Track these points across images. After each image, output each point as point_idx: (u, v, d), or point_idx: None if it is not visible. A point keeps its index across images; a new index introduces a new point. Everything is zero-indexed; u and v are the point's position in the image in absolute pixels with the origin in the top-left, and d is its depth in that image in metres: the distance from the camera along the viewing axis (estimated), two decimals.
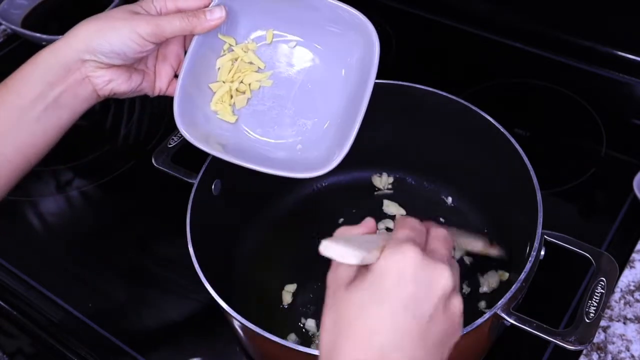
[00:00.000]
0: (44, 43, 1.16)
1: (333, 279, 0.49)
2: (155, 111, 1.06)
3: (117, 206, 0.95)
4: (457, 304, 0.48)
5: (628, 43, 1.01)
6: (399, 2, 1.18)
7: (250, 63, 0.70)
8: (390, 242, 0.48)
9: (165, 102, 0.68)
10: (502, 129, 0.73)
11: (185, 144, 0.80)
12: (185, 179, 0.75)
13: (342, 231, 0.52)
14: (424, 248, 0.49)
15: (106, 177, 0.97)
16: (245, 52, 0.69)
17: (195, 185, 0.72)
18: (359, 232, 0.51)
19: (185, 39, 0.68)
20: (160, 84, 0.69)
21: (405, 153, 0.86)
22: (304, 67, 0.71)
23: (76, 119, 0.66)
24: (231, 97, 0.69)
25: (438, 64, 1.08)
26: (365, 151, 0.86)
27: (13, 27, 1.17)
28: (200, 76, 0.67)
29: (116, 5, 1.17)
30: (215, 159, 0.70)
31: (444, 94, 0.77)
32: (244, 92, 0.70)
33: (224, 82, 0.69)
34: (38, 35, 1.14)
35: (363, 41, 0.70)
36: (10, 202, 0.95)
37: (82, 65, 0.63)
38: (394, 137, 0.84)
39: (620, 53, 1.02)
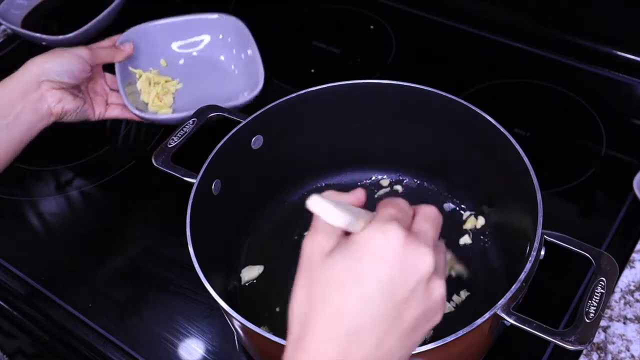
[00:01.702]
0: (43, 43, 1.16)
1: (310, 246, 0.47)
2: None
3: (117, 206, 0.95)
4: (437, 288, 0.47)
5: (628, 43, 1.01)
6: (399, 2, 1.18)
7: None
8: (374, 220, 0.46)
9: None
10: (502, 129, 0.73)
11: (186, 144, 0.81)
12: (185, 178, 0.75)
13: (331, 194, 0.50)
14: (410, 228, 0.48)
15: (106, 177, 0.97)
16: (152, 75, 0.99)
17: (195, 185, 0.72)
18: (347, 200, 0.49)
19: (105, 79, 0.94)
20: (99, 110, 0.90)
21: (405, 153, 0.86)
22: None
23: (33, 136, 0.81)
24: (160, 100, 0.98)
25: (438, 64, 1.08)
26: (365, 151, 0.87)
27: (13, 27, 1.17)
28: (129, 94, 0.95)
29: (117, 6, 1.17)
30: (216, 159, 0.71)
31: (444, 94, 0.77)
32: (168, 93, 1.00)
33: (148, 93, 0.98)
34: (38, 35, 1.14)
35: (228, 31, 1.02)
36: (10, 202, 0.95)
37: (38, 86, 0.80)
38: (394, 137, 0.84)
39: (620, 53, 1.02)
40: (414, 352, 0.57)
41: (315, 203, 0.45)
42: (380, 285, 0.44)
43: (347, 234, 0.47)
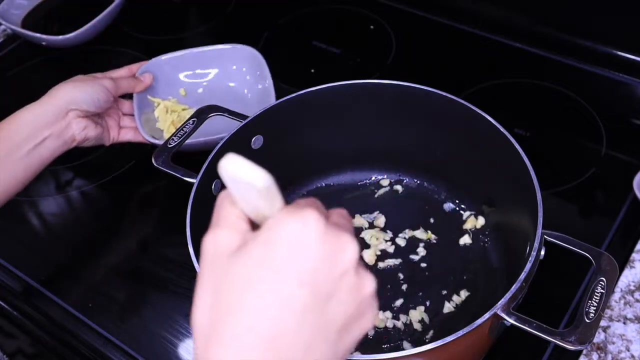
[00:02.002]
0: (43, 43, 1.16)
1: (212, 244, 0.40)
2: None
3: (117, 206, 0.95)
4: (366, 282, 0.40)
5: (628, 43, 1.01)
6: (399, 2, 1.18)
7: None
8: (289, 206, 0.40)
9: None
10: (502, 129, 0.73)
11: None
12: (185, 178, 0.75)
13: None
14: (326, 218, 0.40)
15: (106, 177, 0.97)
16: (170, 103, 1.01)
17: (195, 185, 0.72)
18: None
19: (118, 103, 0.95)
20: (113, 134, 0.93)
21: (405, 153, 0.86)
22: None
23: (52, 160, 0.83)
24: (175, 127, 0.98)
25: (438, 64, 1.08)
26: (365, 151, 0.87)
27: (13, 27, 1.17)
28: (145, 122, 0.97)
29: (117, 6, 1.17)
30: (216, 159, 0.70)
31: (444, 94, 0.77)
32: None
33: (165, 121, 0.99)
34: (38, 35, 1.14)
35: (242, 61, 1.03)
36: (10, 202, 0.94)
37: (66, 114, 0.83)
38: (394, 137, 0.84)
39: (620, 53, 1.02)
40: (414, 352, 0.57)
41: (230, 163, 0.37)
42: (299, 277, 0.37)
43: (254, 228, 0.40)
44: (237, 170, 0.37)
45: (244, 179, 0.38)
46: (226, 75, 1.04)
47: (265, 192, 0.38)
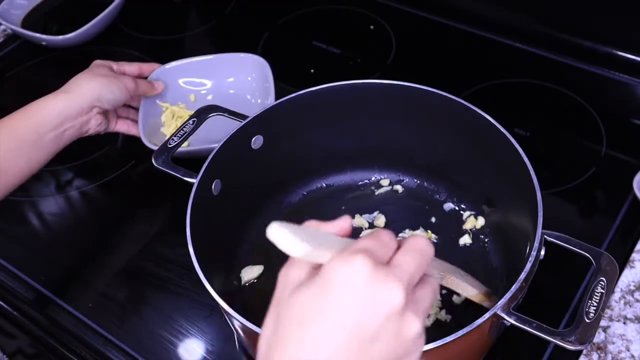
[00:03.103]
0: (43, 43, 1.16)
1: (284, 276, 0.45)
2: None
3: (117, 206, 0.95)
4: (412, 325, 0.43)
5: (628, 43, 1.01)
6: (399, 2, 1.18)
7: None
8: (344, 250, 0.43)
9: None
10: (502, 129, 0.73)
11: None
12: (185, 179, 0.75)
13: (311, 224, 0.47)
14: (385, 261, 0.44)
15: (106, 177, 0.97)
16: (178, 108, 1.02)
17: (195, 185, 0.72)
18: (330, 229, 0.46)
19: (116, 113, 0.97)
20: (112, 124, 0.95)
21: (405, 153, 0.86)
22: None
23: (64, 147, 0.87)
24: None
25: (438, 64, 1.08)
26: (365, 151, 0.87)
27: (13, 27, 1.17)
28: (151, 125, 0.99)
29: (117, 6, 1.17)
30: (216, 159, 0.71)
31: (444, 94, 0.77)
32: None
33: (169, 126, 1.00)
34: (38, 35, 1.14)
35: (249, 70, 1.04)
36: (10, 202, 0.95)
37: (90, 110, 0.87)
38: (393, 137, 0.84)
39: (620, 53, 1.02)
40: None
41: (273, 232, 0.42)
42: (344, 318, 0.41)
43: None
44: (277, 240, 0.42)
45: (283, 249, 0.42)
46: (237, 84, 1.05)
47: (307, 256, 0.43)
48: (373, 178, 0.89)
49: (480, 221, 0.82)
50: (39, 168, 0.84)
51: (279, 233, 0.42)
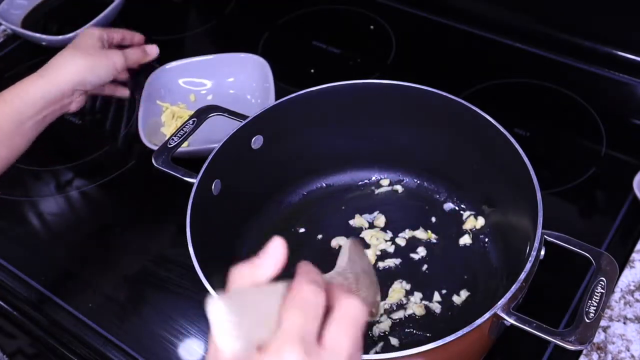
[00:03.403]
0: (43, 43, 1.16)
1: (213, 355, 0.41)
2: None
3: (117, 206, 0.95)
4: None
5: (628, 43, 1.01)
6: (399, 2, 1.18)
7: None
8: (272, 341, 0.39)
9: None
10: (502, 129, 0.73)
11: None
12: (185, 179, 0.75)
13: (243, 275, 0.42)
14: (315, 338, 0.40)
15: (106, 177, 0.97)
16: (178, 109, 1.01)
17: (195, 185, 0.72)
18: (265, 272, 0.43)
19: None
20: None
21: (405, 153, 0.86)
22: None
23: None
24: None
25: (438, 64, 1.08)
26: (365, 151, 0.87)
27: (13, 27, 1.17)
28: (151, 125, 0.98)
29: (117, 6, 1.17)
30: (216, 159, 0.71)
31: (444, 94, 0.77)
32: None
33: (169, 126, 0.99)
34: (38, 35, 1.14)
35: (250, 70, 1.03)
36: (10, 202, 0.95)
37: (72, 93, 0.84)
38: (394, 137, 0.84)
39: (620, 53, 1.02)
40: (414, 352, 0.57)
41: (212, 311, 0.37)
42: None
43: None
44: (213, 324, 0.38)
45: (216, 338, 0.38)
46: (238, 84, 1.05)
47: (234, 354, 0.38)
48: (373, 178, 0.89)
49: (480, 221, 0.82)
50: (19, 155, 0.82)
51: (218, 314, 0.37)
